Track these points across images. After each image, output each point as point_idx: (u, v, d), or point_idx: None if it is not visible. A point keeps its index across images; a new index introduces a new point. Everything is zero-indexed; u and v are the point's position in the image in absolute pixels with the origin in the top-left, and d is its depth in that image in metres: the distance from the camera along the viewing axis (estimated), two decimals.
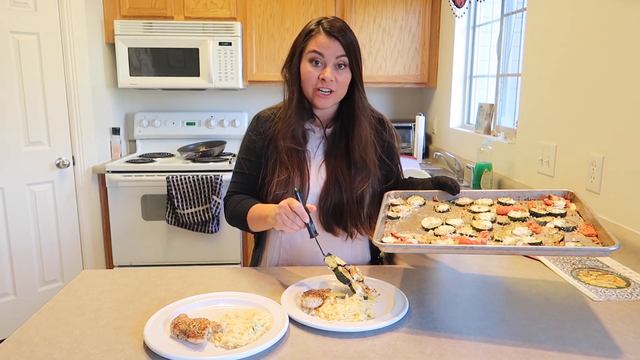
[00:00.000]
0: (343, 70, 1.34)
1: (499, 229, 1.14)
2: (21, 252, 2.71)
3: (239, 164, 1.46)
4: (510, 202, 1.29)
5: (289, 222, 1.18)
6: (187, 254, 3.11)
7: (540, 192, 1.32)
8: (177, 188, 2.94)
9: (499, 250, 1.04)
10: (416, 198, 1.35)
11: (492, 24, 2.85)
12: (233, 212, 1.41)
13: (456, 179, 2.77)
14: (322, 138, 1.45)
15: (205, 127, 3.54)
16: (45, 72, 2.70)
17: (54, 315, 1.07)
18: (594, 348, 0.94)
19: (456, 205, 1.31)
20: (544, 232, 1.10)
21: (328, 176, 1.40)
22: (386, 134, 1.49)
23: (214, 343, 0.94)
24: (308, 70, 1.33)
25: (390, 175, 1.50)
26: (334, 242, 1.42)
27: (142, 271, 1.33)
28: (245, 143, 1.46)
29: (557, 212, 1.18)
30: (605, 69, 1.56)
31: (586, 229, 1.08)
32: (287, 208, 1.18)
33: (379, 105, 3.76)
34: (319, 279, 1.24)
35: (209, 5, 3.20)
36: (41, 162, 2.76)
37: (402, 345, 0.95)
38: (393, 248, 1.07)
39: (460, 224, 1.17)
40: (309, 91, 1.36)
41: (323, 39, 1.31)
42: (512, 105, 2.57)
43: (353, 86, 1.38)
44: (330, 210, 1.39)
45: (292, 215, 1.17)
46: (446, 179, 1.36)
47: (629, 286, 1.25)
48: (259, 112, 1.49)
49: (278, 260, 1.47)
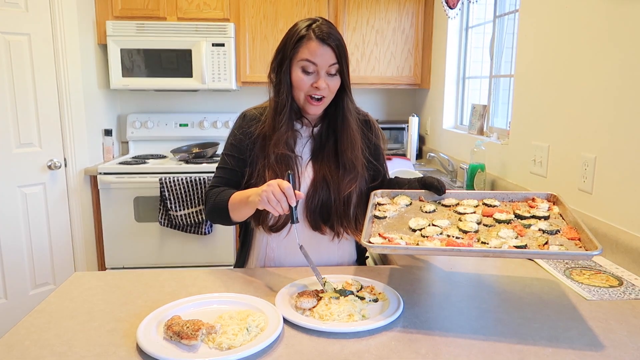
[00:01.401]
0: (335, 76, 1.33)
1: (485, 231, 1.16)
2: (12, 254, 2.68)
3: (223, 160, 1.45)
4: (495, 203, 1.32)
5: (274, 201, 1.15)
6: (180, 255, 3.09)
7: (524, 194, 1.36)
8: (170, 190, 2.93)
9: (486, 253, 1.06)
10: (403, 198, 1.36)
11: (484, 25, 2.87)
12: (214, 203, 1.37)
13: (449, 179, 2.78)
14: (310, 137, 1.44)
15: (198, 128, 3.52)
16: (36, 73, 2.68)
17: (45, 318, 1.06)
18: (587, 347, 0.95)
19: (442, 205, 1.33)
20: (529, 234, 1.13)
21: (315, 175, 1.39)
22: (372, 134, 1.50)
23: (207, 344, 0.93)
24: (301, 78, 1.31)
25: (376, 175, 1.50)
26: (321, 241, 1.42)
27: (135, 273, 1.32)
28: (230, 141, 1.44)
29: (541, 214, 1.22)
30: (597, 70, 1.57)
31: (569, 232, 1.12)
32: (276, 187, 1.15)
33: (373, 106, 3.77)
34: (313, 280, 1.23)
35: (202, 6, 3.19)
36: (32, 164, 2.74)
37: (397, 346, 0.95)
38: (381, 249, 1.08)
39: (446, 225, 1.18)
40: (301, 98, 1.34)
41: (315, 46, 1.29)
42: (505, 106, 2.58)
43: (341, 89, 1.37)
44: (317, 209, 1.38)
45: (280, 194, 1.15)
46: (432, 179, 1.37)
47: (622, 285, 1.25)
48: (244, 110, 1.47)
49: (264, 261, 1.45)
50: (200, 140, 3.52)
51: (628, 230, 1.43)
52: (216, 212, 1.36)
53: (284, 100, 1.34)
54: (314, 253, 1.42)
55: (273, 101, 1.38)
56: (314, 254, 1.42)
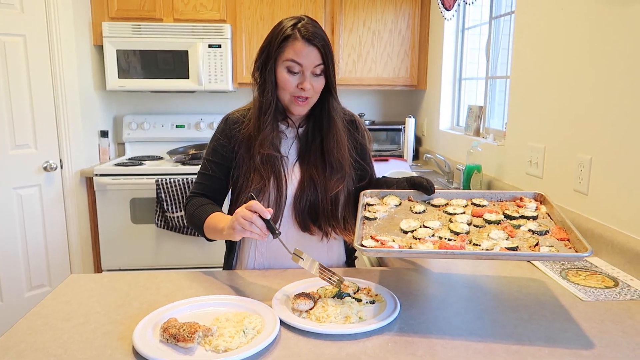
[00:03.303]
0: (320, 77, 1.33)
1: (476, 232, 1.16)
2: (7, 256, 2.67)
3: (204, 166, 1.42)
4: (484, 203, 1.32)
5: (248, 223, 1.12)
6: (176, 257, 3.08)
7: (512, 193, 1.37)
8: (167, 191, 2.92)
9: (479, 255, 1.07)
10: (392, 198, 1.36)
11: (480, 26, 2.88)
12: (191, 216, 1.36)
13: (446, 180, 2.78)
14: (295, 138, 1.43)
15: (194, 129, 3.52)
16: (32, 74, 2.67)
17: (41, 320, 1.05)
18: (583, 347, 0.95)
19: (431, 205, 1.33)
20: (519, 235, 1.14)
21: (302, 175, 1.39)
22: (358, 135, 1.49)
23: (204, 347, 0.93)
24: (286, 78, 1.30)
25: (364, 175, 1.50)
26: (310, 242, 1.42)
27: (131, 275, 1.31)
28: (213, 145, 1.42)
29: (529, 214, 1.23)
30: (593, 71, 1.58)
31: (558, 232, 1.13)
32: (244, 211, 1.14)
33: (369, 107, 3.77)
34: (310, 281, 1.23)
35: (199, 8, 3.18)
36: (28, 166, 2.72)
37: (394, 347, 0.95)
38: (375, 252, 1.08)
39: (437, 226, 1.19)
40: (286, 98, 1.34)
41: (301, 46, 1.28)
42: (501, 107, 2.59)
43: (326, 88, 1.37)
44: (306, 209, 1.38)
45: (250, 215, 1.12)
46: (421, 179, 1.37)
47: (617, 286, 1.26)
48: (227, 114, 1.45)
49: (254, 259, 1.44)
50: (196, 142, 3.51)
51: (623, 231, 1.43)
52: (194, 226, 1.37)
53: (269, 99, 1.33)
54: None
55: (257, 101, 1.36)
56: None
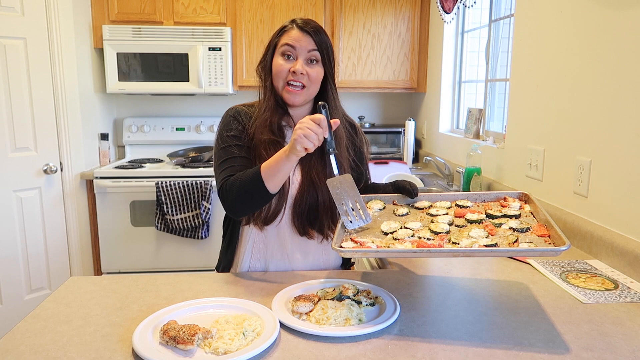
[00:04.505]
0: (315, 65, 1.34)
1: (456, 232, 1.16)
2: (7, 259, 2.67)
3: (226, 152, 1.34)
4: (468, 204, 1.32)
5: (313, 135, 1.11)
6: (176, 260, 3.08)
7: (496, 193, 1.37)
8: (167, 194, 2.92)
9: (455, 252, 1.06)
10: (376, 202, 1.36)
11: (480, 29, 2.88)
12: (241, 183, 1.23)
13: (446, 183, 2.78)
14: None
15: (195, 132, 3.52)
16: (32, 77, 2.68)
17: (40, 323, 1.05)
18: (584, 350, 0.95)
19: (415, 208, 1.33)
20: (499, 233, 1.13)
21: (303, 177, 1.38)
22: (357, 139, 1.51)
23: (204, 349, 0.93)
24: (279, 63, 1.34)
25: (360, 179, 1.51)
26: (308, 244, 1.42)
27: (131, 278, 1.31)
28: (227, 134, 1.37)
29: (512, 213, 1.23)
30: (592, 74, 1.58)
31: (539, 229, 1.12)
32: (308, 121, 1.13)
33: (369, 110, 3.78)
34: (309, 284, 1.23)
35: (199, 11, 3.19)
36: (28, 168, 2.73)
37: (394, 350, 0.95)
38: (352, 253, 1.09)
39: (418, 227, 1.19)
40: (280, 85, 1.35)
41: (296, 33, 1.33)
42: (501, 110, 2.59)
43: (326, 85, 1.38)
44: (305, 212, 1.38)
45: (316, 126, 1.12)
46: (405, 182, 1.38)
47: (617, 288, 1.26)
48: (231, 107, 1.46)
49: (250, 261, 1.43)
50: (196, 144, 3.52)
51: (623, 233, 1.43)
52: (247, 192, 1.23)
53: (266, 88, 1.39)
54: (300, 257, 1.43)
55: (261, 92, 1.42)
56: (300, 258, 1.42)
